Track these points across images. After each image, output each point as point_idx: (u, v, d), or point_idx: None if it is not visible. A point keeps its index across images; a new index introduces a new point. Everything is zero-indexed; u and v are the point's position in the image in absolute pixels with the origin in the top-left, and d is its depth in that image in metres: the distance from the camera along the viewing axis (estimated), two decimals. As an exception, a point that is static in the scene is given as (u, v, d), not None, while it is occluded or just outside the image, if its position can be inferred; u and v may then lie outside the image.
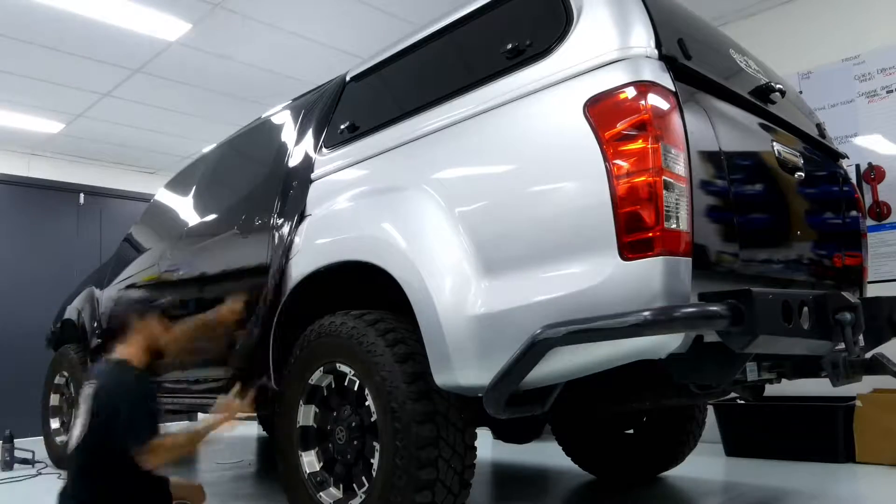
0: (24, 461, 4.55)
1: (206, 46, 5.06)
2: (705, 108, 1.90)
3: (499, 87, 2.04)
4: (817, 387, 3.28)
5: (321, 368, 2.30)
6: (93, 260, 6.23)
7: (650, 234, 1.62)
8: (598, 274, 1.68)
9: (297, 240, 2.57)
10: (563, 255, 1.75)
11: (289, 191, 2.77)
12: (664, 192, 1.63)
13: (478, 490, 3.29)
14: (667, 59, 1.81)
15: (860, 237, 2.60)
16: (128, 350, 2.35)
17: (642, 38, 1.80)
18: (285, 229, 2.67)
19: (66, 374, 4.52)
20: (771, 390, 2.78)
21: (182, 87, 5.74)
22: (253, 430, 6.71)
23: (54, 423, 4.64)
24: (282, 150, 3.00)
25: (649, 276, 1.62)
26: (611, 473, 3.46)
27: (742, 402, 3.97)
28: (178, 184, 4.08)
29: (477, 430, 2.13)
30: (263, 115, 3.46)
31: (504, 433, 3.35)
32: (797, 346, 1.78)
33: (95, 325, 4.25)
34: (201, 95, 5.92)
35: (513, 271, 1.85)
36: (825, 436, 3.69)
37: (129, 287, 3.90)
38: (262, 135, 3.34)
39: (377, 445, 2.06)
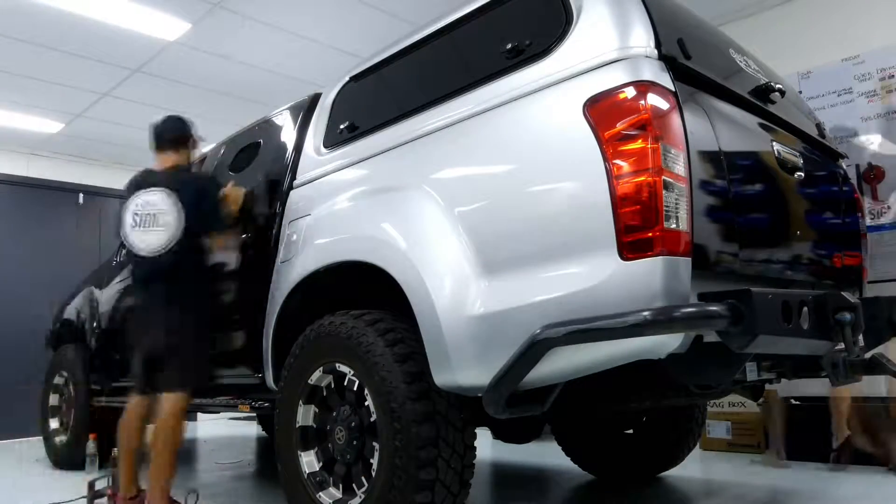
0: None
1: (206, 46, 5.06)
2: (705, 108, 1.90)
3: (498, 87, 2.04)
4: (818, 387, 3.29)
5: (321, 368, 2.30)
6: (92, 260, 6.23)
7: (650, 234, 1.62)
8: (597, 274, 1.67)
9: (296, 239, 2.57)
10: (563, 255, 1.75)
11: (288, 190, 2.77)
12: (664, 192, 1.63)
13: (478, 490, 3.29)
14: (666, 59, 1.81)
15: (860, 237, 2.60)
16: None
17: (642, 38, 1.80)
18: (284, 229, 2.67)
19: (65, 373, 4.51)
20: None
21: (182, 87, 5.73)
22: (253, 430, 6.70)
23: (54, 423, 4.62)
24: (281, 150, 3.00)
25: (649, 276, 1.61)
26: (611, 473, 3.46)
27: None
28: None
29: (477, 430, 2.13)
30: (263, 115, 3.46)
31: (504, 433, 3.35)
32: (797, 346, 1.78)
33: (95, 325, 4.26)
34: (201, 95, 5.91)
35: (512, 271, 1.85)
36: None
37: (128, 287, 3.89)
38: (261, 134, 3.34)
39: (377, 445, 2.06)
